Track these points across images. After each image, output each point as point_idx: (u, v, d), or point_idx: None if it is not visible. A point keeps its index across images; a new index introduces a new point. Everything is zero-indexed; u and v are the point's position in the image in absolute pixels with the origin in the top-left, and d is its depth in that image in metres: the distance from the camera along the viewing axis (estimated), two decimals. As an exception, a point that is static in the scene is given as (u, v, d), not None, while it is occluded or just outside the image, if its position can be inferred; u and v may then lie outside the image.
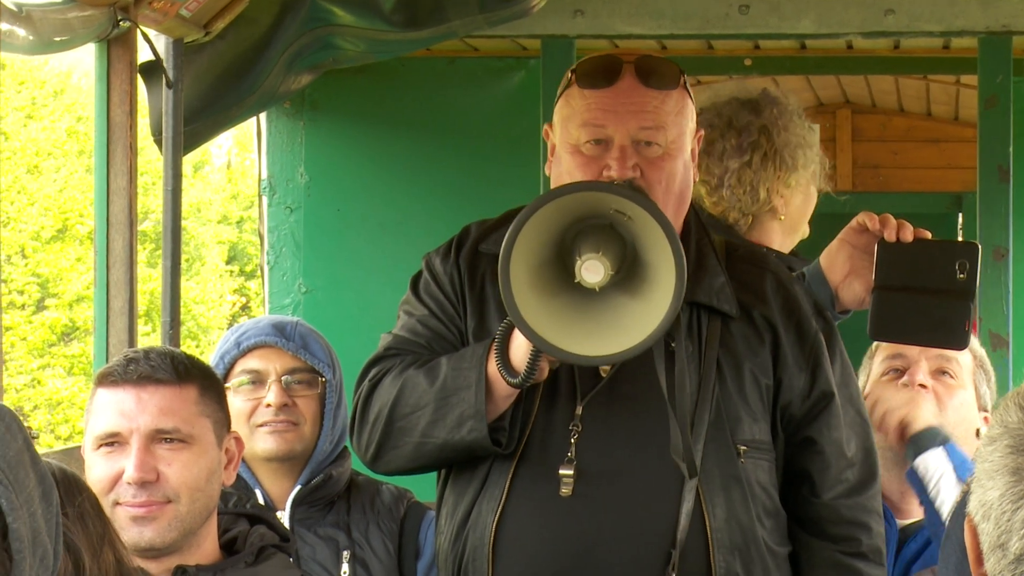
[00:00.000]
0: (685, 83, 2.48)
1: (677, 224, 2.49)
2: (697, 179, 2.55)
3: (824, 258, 2.77)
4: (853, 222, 2.73)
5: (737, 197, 3.05)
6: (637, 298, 2.27)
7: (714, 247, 2.54)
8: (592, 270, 2.21)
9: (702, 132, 2.54)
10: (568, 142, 2.45)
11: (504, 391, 2.38)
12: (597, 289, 2.22)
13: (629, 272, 2.28)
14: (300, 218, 5.04)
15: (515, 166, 4.86)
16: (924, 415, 2.69)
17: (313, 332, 2.86)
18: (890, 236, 2.65)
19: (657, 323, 2.23)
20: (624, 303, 2.28)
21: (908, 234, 2.65)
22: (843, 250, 2.73)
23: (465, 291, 2.50)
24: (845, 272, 2.72)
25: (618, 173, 2.39)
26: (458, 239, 2.56)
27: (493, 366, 2.36)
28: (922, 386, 2.80)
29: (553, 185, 2.51)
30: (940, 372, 2.78)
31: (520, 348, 2.34)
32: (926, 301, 2.61)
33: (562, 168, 2.47)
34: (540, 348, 2.27)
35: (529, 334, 2.24)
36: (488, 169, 4.97)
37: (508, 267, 2.22)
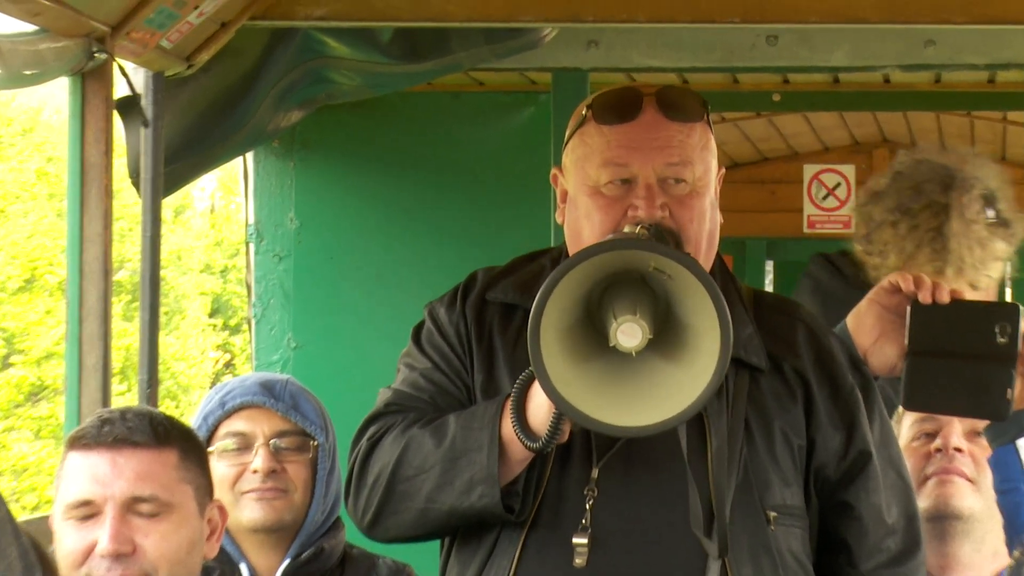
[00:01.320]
0: (708, 116, 2.49)
1: (705, 268, 2.49)
2: (721, 221, 2.55)
3: (852, 320, 2.76)
4: (884, 281, 2.73)
5: (869, 250, 3.08)
6: (675, 363, 2.26)
7: (741, 295, 2.54)
8: (629, 333, 2.20)
9: (723, 170, 2.55)
10: (586, 184, 2.45)
11: (520, 454, 2.37)
12: (633, 354, 2.22)
13: (664, 334, 2.27)
14: (290, 267, 5.05)
15: (524, 209, 4.87)
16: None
17: (304, 391, 2.86)
18: (924, 297, 2.65)
19: (698, 393, 2.22)
20: (661, 368, 2.26)
21: (944, 295, 2.65)
22: (872, 311, 2.72)
23: (472, 342, 2.50)
24: (875, 336, 2.71)
25: (645, 213, 2.40)
26: (464, 286, 2.56)
27: (508, 427, 2.36)
28: (957, 450, 2.80)
29: (568, 232, 2.51)
30: (975, 433, 2.78)
31: (540, 409, 2.33)
32: (964, 367, 2.61)
33: (579, 212, 2.47)
34: (576, 420, 2.27)
35: (563, 405, 2.23)
36: (495, 213, 4.99)
37: (538, 333, 2.21)
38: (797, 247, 7.54)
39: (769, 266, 7.98)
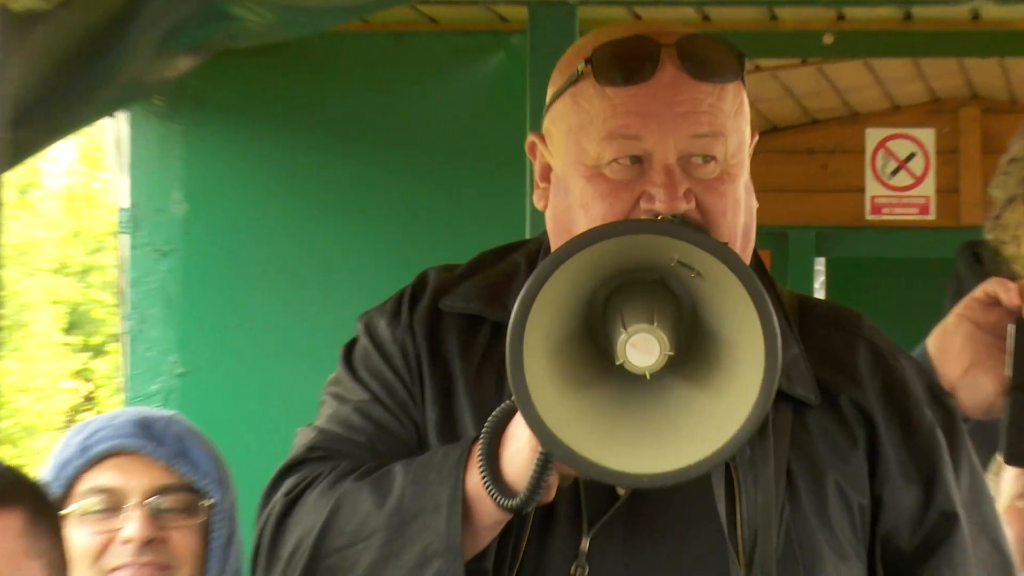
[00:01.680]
0: (744, 73, 2.50)
1: None
2: (756, 206, 2.56)
3: (935, 342, 2.78)
4: (978, 291, 2.75)
5: (1001, 237, 3.09)
6: (704, 389, 2.27)
7: (782, 303, 2.55)
8: (643, 349, 2.20)
9: (757, 137, 2.56)
10: (582, 162, 2.45)
11: (490, 517, 2.37)
12: (648, 376, 2.22)
13: (689, 350, 2.28)
14: (175, 265, 5.05)
15: (491, 189, 4.88)
16: None
17: (193, 432, 2.87)
18: None
19: (734, 430, 2.22)
20: (684, 396, 2.27)
21: None
22: (962, 331, 2.74)
23: (423, 366, 2.51)
24: (965, 364, 2.73)
25: (665, 206, 2.39)
26: (412, 291, 2.57)
27: (475, 479, 2.36)
28: None
29: (552, 222, 2.51)
30: None
31: (519, 454, 2.33)
32: None
33: (570, 199, 2.47)
34: (570, 466, 2.27)
35: (554, 445, 2.23)
36: (452, 193, 5.00)
37: (520, 349, 2.21)
38: (856, 239, 7.55)
39: (820, 264, 8.01)
